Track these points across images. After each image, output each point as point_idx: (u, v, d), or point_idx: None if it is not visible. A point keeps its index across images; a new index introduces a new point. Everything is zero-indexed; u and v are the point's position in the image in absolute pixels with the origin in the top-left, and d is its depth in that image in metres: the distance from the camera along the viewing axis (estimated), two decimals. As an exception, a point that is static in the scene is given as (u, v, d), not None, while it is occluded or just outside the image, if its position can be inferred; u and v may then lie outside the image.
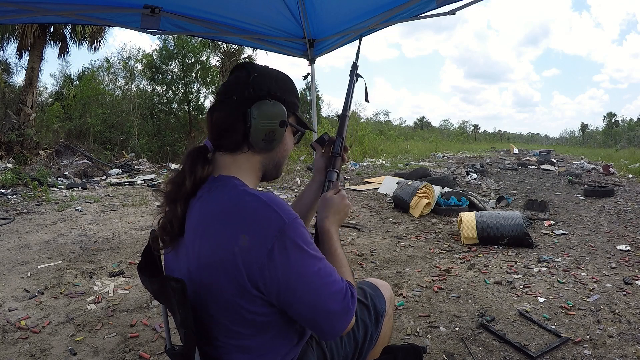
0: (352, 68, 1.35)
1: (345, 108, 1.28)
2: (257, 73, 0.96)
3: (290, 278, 0.81)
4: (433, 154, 18.41)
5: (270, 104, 0.95)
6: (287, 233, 0.81)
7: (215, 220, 0.85)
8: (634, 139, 35.88)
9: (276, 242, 0.80)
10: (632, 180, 8.99)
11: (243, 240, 0.81)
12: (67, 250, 3.90)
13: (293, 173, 10.34)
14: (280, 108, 0.96)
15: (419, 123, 60.43)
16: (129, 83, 17.38)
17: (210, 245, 0.84)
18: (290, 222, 0.82)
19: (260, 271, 0.80)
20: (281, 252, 0.80)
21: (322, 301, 0.83)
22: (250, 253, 0.80)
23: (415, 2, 2.37)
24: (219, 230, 0.83)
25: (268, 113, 0.94)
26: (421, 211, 5.41)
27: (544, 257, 3.56)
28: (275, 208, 0.83)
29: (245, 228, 0.82)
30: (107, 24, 2.73)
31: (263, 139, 0.94)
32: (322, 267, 0.84)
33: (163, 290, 0.88)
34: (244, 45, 11.88)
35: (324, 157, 1.24)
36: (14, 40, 12.64)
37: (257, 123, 0.93)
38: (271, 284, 0.81)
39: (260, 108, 0.93)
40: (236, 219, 0.83)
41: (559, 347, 2.08)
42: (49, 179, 8.38)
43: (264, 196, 0.86)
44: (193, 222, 0.89)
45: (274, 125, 0.95)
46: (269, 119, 0.94)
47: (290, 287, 0.81)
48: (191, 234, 0.89)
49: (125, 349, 2.14)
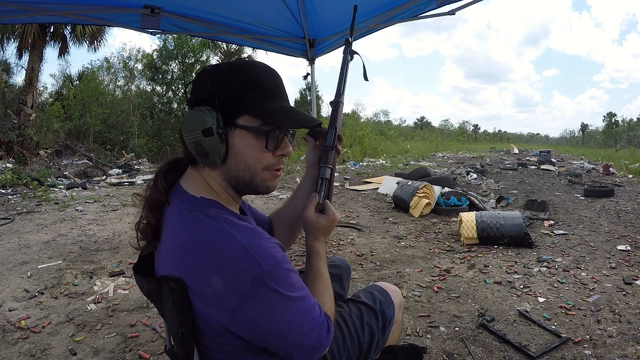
0: (345, 45, 1.18)
1: (339, 93, 1.13)
2: (195, 78, 0.87)
3: (264, 321, 0.78)
4: (433, 154, 18.41)
5: (188, 114, 0.85)
6: (264, 281, 0.76)
7: (188, 250, 0.81)
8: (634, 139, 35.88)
9: (252, 288, 0.76)
10: (632, 180, 8.99)
11: (216, 282, 0.77)
12: (67, 250, 3.90)
13: (293, 173, 10.33)
14: (198, 115, 0.82)
15: (419, 123, 60.46)
16: (129, 83, 17.38)
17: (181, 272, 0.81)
18: (269, 270, 0.77)
19: (230, 314, 0.77)
20: (256, 298, 0.76)
21: (298, 339, 0.81)
22: (222, 297, 0.77)
23: (415, 2, 2.37)
24: (192, 263, 0.80)
25: (187, 124, 0.85)
26: (421, 211, 5.41)
27: (544, 257, 3.56)
28: (253, 253, 0.77)
29: (219, 271, 0.77)
30: (107, 24, 2.73)
31: (195, 153, 0.86)
32: (301, 307, 0.81)
33: (159, 291, 0.87)
34: (244, 45, 11.88)
35: (316, 150, 1.13)
36: (14, 40, 12.64)
37: (185, 137, 0.87)
38: (242, 325, 0.79)
39: (183, 120, 0.86)
40: (211, 258, 0.78)
41: (559, 347, 2.08)
42: (49, 179, 8.38)
43: (243, 237, 0.79)
44: (167, 238, 0.87)
45: (197, 136, 0.83)
46: (189, 131, 0.85)
47: (264, 329, 0.79)
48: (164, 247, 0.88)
49: (125, 349, 2.14)
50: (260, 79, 0.86)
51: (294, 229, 1.21)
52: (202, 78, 0.86)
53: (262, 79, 0.86)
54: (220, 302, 0.78)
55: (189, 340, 0.84)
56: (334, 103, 1.13)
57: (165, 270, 0.85)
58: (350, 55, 1.18)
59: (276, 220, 1.24)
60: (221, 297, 0.77)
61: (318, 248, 0.97)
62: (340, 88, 1.13)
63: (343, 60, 1.17)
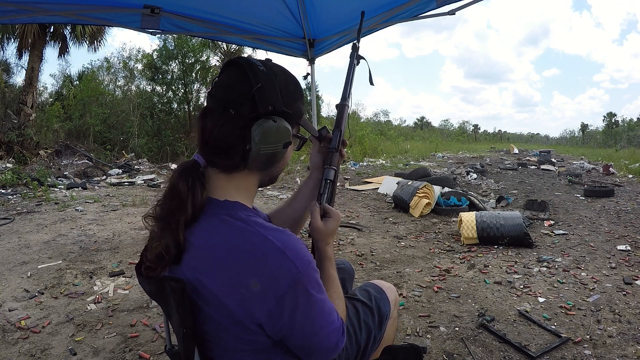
0: (352, 49, 1.20)
1: (345, 96, 1.15)
2: (260, 83, 0.82)
3: (296, 320, 0.80)
4: (433, 154, 18.41)
5: (274, 126, 0.83)
6: (300, 282, 0.79)
7: (222, 255, 0.80)
8: (634, 139, 35.88)
9: (289, 290, 0.78)
10: (632, 180, 8.99)
11: (254, 284, 0.78)
12: (67, 250, 3.90)
13: (293, 173, 10.33)
14: (285, 128, 0.85)
15: (419, 123, 60.45)
16: (129, 83, 17.40)
17: (216, 279, 0.80)
18: (303, 270, 0.79)
19: (267, 314, 0.79)
20: (292, 299, 0.79)
21: (319, 340, 0.83)
22: (260, 298, 0.78)
23: (415, 2, 2.37)
24: (227, 268, 0.79)
25: (272, 137, 0.83)
26: (421, 211, 5.41)
27: (544, 257, 3.56)
28: (288, 255, 0.79)
29: (256, 273, 0.78)
30: (107, 24, 2.73)
31: (264, 162, 0.87)
32: (325, 308, 0.84)
33: (161, 291, 0.87)
34: (244, 45, 11.87)
35: (321, 152, 1.14)
36: (14, 40, 12.65)
37: (259, 148, 0.83)
38: (275, 324, 0.80)
39: (263, 131, 0.82)
40: (246, 262, 0.78)
41: (559, 347, 2.08)
42: (49, 179, 8.38)
43: (277, 239, 0.80)
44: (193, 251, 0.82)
45: (278, 148, 0.86)
46: (272, 143, 0.84)
47: (293, 327, 0.81)
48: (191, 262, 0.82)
49: (125, 349, 2.14)
50: (302, 89, 0.95)
51: (294, 229, 1.21)
52: (270, 87, 0.84)
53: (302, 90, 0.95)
54: (258, 302, 0.78)
55: (189, 340, 0.84)
56: (340, 106, 1.15)
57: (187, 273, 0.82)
58: (357, 60, 1.21)
59: (275, 219, 1.24)
60: (259, 298, 0.78)
61: (330, 252, 0.99)
62: (346, 91, 1.16)
63: (349, 64, 1.19)
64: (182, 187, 0.83)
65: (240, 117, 0.83)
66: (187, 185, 0.83)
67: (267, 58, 0.94)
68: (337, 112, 1.14)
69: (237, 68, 0.86)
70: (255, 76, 0.83)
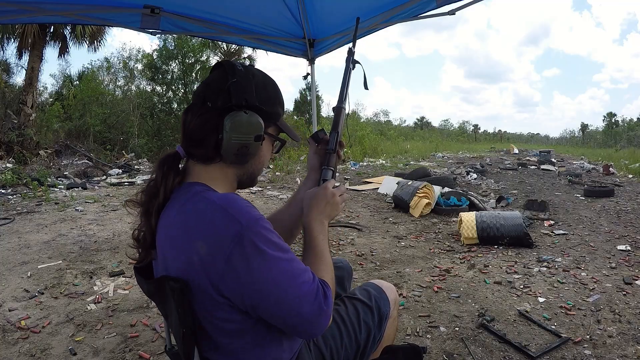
0: (348, 54, 1.24)
1: (341, 99, 1.18)
2: (235, 79, 0.89)
3: (253, 283, 0.78)
4: (433, 154, 18.41)
5: (245, 117, 0.88)
6: (245, 237, 0.77)
7: (178, 230, 0.84)
8: (634, 139, 35.87)
9: (234, 247, 0.77)
10: (632, 180, 8.99)
11: (201, 247, 0.78)
12: (67, 250, 3.90)
13: (293, 173, 10.34)
14: (256, 121, 0.89)
15: (419, 123, 60.40)
16: (129, 83, 17.39)
17: (176, 256, 0.84)
18: (248, 225, 0.78)
19: (221, 278, 0.78)
20: (241, 258, 0.77)
21: (291, 304, 0.79)
22: (209, 260, 0.78)
23: (415, 2, 2.37)
24: (181, 240, 0.82)
25: (242, 127, 0.87)
26: (421, 211, 5.41)
27: (544, 257, 3.56)
28: (231, 212, 0.79)
29: (202, 235, 0.79)
30: (107, 24, 2.73)
31: (235, 153, 0.89)
32: (289, 268, 0.80)
33: (160, 291, 0.87)
34: (244, 45, 11.89)
35: (318, 153, 1.17)
36: (14, 40, 12.63)
37: (230, 137, 0.87)
38: (234, 289, 0.79)
39: (234, 121, 0.87)
40: (194, 227, 0.81)
41: (559, 347, 2.08)
42: (49, 179, 8.37)
43: (220, 199, 0.82)
44: (162, 234, 0.88)
45: (248, 140, 0.89)
46: (243, 134, 0.88)
47: (254, 291, 0.79)
48: (160, 245, 0.89)
49: (125, 349, 2.14)
50: (282, 96, 1.00)
51: (293, 230, 1.22)
52: (246, 83, 0.90)
53: (282, 97, 1.00)
54: (210, 266, 0.78)
55: (189, 340, 0.84)
56: (337, 109, 1.18)
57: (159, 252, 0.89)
58: (353, 65, 1.25)
59: (275, 221, 1.24)
60: (209, 260, 0.78)
61: (309, 222, 0.98)
62: (343, 95, 1.19)
63: (345, 68, 1.23)
64: (157, 175, 0.90)
65: (215, 109, 0.88)
66: (162, 173, 0.90)
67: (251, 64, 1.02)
68: (334, 115, 1.17)
69: (219, 68, 0.94)
70: (233, 73, 0.90)
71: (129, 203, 0.95)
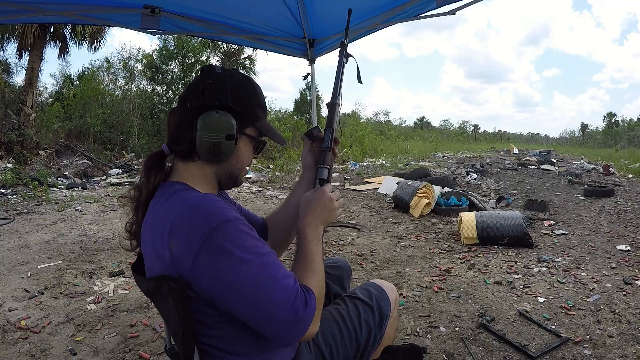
0: (340, 47, 1.21)
1: (335, 94, 1.15)
2: (211, 80, 0.93)
3: (220, 284, 0.79)
4: (433, 154, 18.42)
5: (215, 117, 0.90)
6: (214, 239, 0.78)
7: (155, 227, 0.87)
8: (634, 139, 35.90)
9: (202, 247, 0.78)
10: (632, 180, 9.00)
11: (172, 245, 0.81)
12: (67, 250, 3.90)
13: (293, 173, 10.34)
14: (226, 121, 0.91)
15: (419, 123, 60.40)
16: (129, 83, 17.35)
17: (153, 253, 0.87)
18: (218, 226, 0.79)
19: (190, 274, 0.80)
20: (208, 257, 0.78)
21: (260, 307, 0.79)
22: (179, 257, 0.80)
23: (415, 2, 2.37)
24: (158, 237, 0.85)
25: (212, 126, 0.90)
26: (421, 211, 5.41)
27: (544, 257, 3.56)
28: (202, 212, 0.81)
29: (173, 233, 0.81)
30: (107, 24, 2.73)
31: (207, 151, 0.92)
32: (259, 271, 0.79)
33: (159, 290, 0.87)
34: (244, 45, 11.89)
35: (312, 151, 1.16)
36: (14, 40, 12.64)
37: (202, 135, 0.90)
38: (204, 288, 0.80)
39: (204, 120, 0.90)
40: (167, 225, 0.83)
41: (559, 347, 2.08)
42: (49, 179, 8.37)
43: (194, 199, 0.85)
44: (144, 229, 0.92)
45: (219, 139, 0.91)
46: (212, 132, 0.90)
47: (223, 293, 0.79)
48: (143, 241, 0.93)
49: (125, 349, 2.14)
50: (263, 98, 1.02)
51: (289, 231, 1.22)
52: (221, 84, 0.93)
53: (264, 99, 1.02)
54: (181, 263, 0.80)
55: (189, 340, 0.84)
56: (331, 105, 1.15)
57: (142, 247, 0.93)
58: (346, 58, 1.22)
59: (271, 222, 1.24)
60: (180, 257, 0.80)
61: (303, 227, 0.97)
62: (337, 90, 1.16)
63: (339, 62, 1.20)
64: (142, 172, 0.97)
65: (192, 108, 0.93)
66: (146, 169, 0.95)
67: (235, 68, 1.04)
68: (328, 111, 1.14)
69: (201, 72, 0.98)
70: (210, 75, 0.94)
71: (122, 199, 1.01)
